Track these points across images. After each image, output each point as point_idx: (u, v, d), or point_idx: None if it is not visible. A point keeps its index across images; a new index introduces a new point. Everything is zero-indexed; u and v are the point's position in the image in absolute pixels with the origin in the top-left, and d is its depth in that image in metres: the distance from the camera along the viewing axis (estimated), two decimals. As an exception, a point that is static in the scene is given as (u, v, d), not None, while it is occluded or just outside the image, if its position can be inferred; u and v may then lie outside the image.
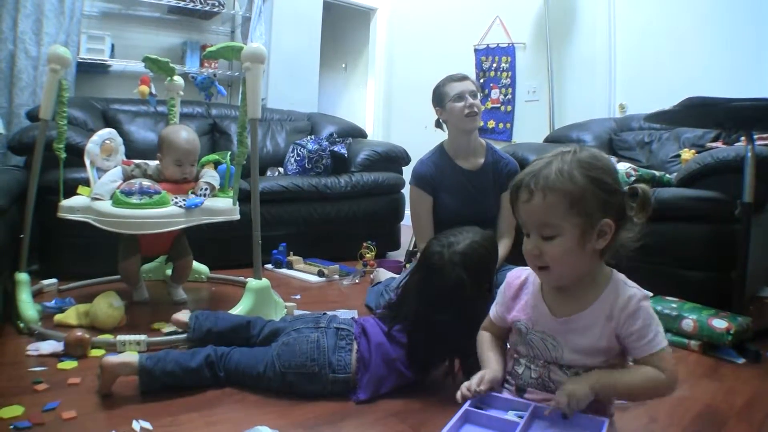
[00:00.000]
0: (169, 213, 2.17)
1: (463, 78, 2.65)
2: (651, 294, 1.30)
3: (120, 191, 2.18)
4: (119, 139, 2.60)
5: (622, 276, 1.31)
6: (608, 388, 1.24)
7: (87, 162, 2.42)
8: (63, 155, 2.42)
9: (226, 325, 1.88)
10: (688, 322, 2.19)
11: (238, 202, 2.37)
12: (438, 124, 2.77)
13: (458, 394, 1.34)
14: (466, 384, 1.35)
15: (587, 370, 1.28)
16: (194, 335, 1.89)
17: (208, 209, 2.26)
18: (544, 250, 1.23)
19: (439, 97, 2.68)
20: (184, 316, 1.99)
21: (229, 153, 2.58)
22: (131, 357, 1.59)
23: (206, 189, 2.35)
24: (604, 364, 1.28)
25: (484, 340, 1.51)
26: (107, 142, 2.50)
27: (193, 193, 2.33)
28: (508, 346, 1.49)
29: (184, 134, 2.41)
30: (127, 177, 2.34)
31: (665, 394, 1.25)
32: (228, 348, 1.71)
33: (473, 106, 2.59)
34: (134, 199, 2.15)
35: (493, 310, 1.50)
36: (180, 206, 2.19)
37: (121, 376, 1.57)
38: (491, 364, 1.41)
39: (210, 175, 2.44)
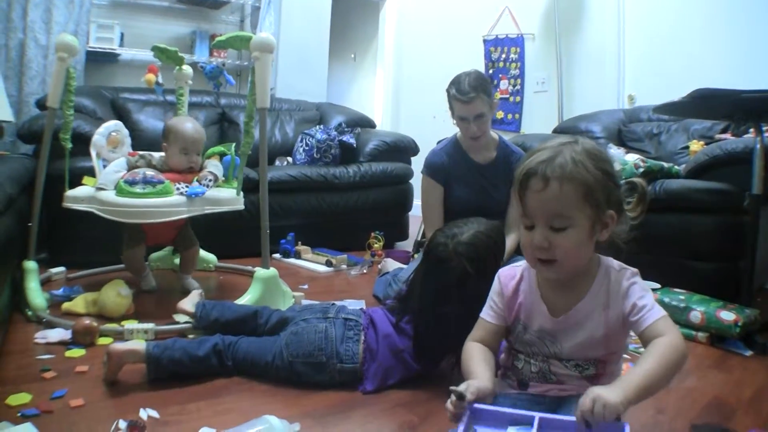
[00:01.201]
0: (171, 202, 2.18)
1: (470, 101, 2.45)
2: (638, 271, 1.28)
3: (123, 181, 2.19)
4: (125, 131, 2.60)
5: (608, 259, 1.29)
6: (641, 389, 1.07)
7: (93, 153, 2.42)
8: (69, 146, 2.43)
9: (232, 315, 1.89)
10: (696, 314, 2.19)
11: (242, 192, 2.37)
12: None
13: (448, 414, 1.19)
14: (449, 401, 1.17)
15: (588, 360, 1.27)
16: (200, 324, 1.90)
17: (211, 199, 2.27)
18: (555, 242, 1.18)
19: (449, 102, 2.59)
20: (190, 306, 2.01)
21: (234, 144, 2.59)
22: (138, 345, 1.60)
23: (210, 180, 2.35)
24: (604, 351, 1.26)
25: (473, 353, 1.36)
26: (113, 134, 2.50)
27: (197, 181, 2.33)
28: (504, 343, 1.45)
29: (190, 124, 2.44)
30: (131, 167, 2.34)
31: (685, 358, 1.14)
32: (236, 337, 1.72)
33: (476, 132, 2.54)
34: (137, 189, 2.15)
35: (490, 314, 1.41)
36: (181, 193, 2.20)
37: (128, 363, 1.59)
38: (478, 375, 1.26)
39: (213, 165, 2.45)
